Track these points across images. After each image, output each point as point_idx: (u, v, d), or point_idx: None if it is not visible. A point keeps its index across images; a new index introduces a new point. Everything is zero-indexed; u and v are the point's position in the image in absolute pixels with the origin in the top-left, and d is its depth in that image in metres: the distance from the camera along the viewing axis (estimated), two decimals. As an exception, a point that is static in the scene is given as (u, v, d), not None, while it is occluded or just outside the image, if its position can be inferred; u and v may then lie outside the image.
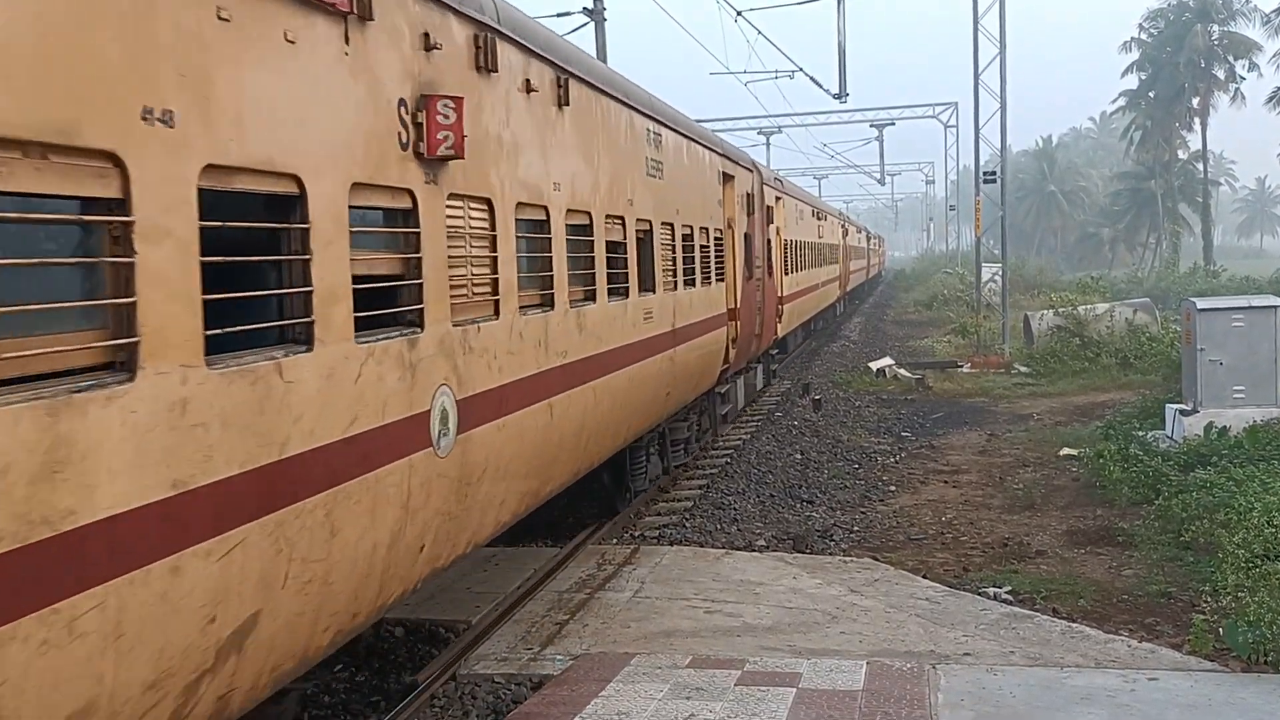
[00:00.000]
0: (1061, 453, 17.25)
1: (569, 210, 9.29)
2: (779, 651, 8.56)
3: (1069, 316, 29.88)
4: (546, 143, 8.81)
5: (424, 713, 7.98)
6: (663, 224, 12.64)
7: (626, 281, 11.05)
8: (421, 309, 6.48)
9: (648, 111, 12.24)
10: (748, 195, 19.09)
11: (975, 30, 32.11)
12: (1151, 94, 72.96)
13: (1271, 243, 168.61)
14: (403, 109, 6.30)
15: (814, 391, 24.06)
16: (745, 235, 18.68)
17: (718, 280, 16.13)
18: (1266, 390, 16.49)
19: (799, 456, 17.63)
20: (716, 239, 16.16)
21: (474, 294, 7.36)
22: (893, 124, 70.73)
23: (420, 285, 6.50)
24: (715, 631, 9.08)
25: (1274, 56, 66.68)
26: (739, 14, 32.12)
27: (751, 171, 20.06)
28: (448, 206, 6.88)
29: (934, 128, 73.69)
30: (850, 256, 51.65)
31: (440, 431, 6.62)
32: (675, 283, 13.19)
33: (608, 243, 10.50)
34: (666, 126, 13.04)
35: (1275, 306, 16.82)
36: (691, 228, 14.27)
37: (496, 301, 7.67)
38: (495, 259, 7.68)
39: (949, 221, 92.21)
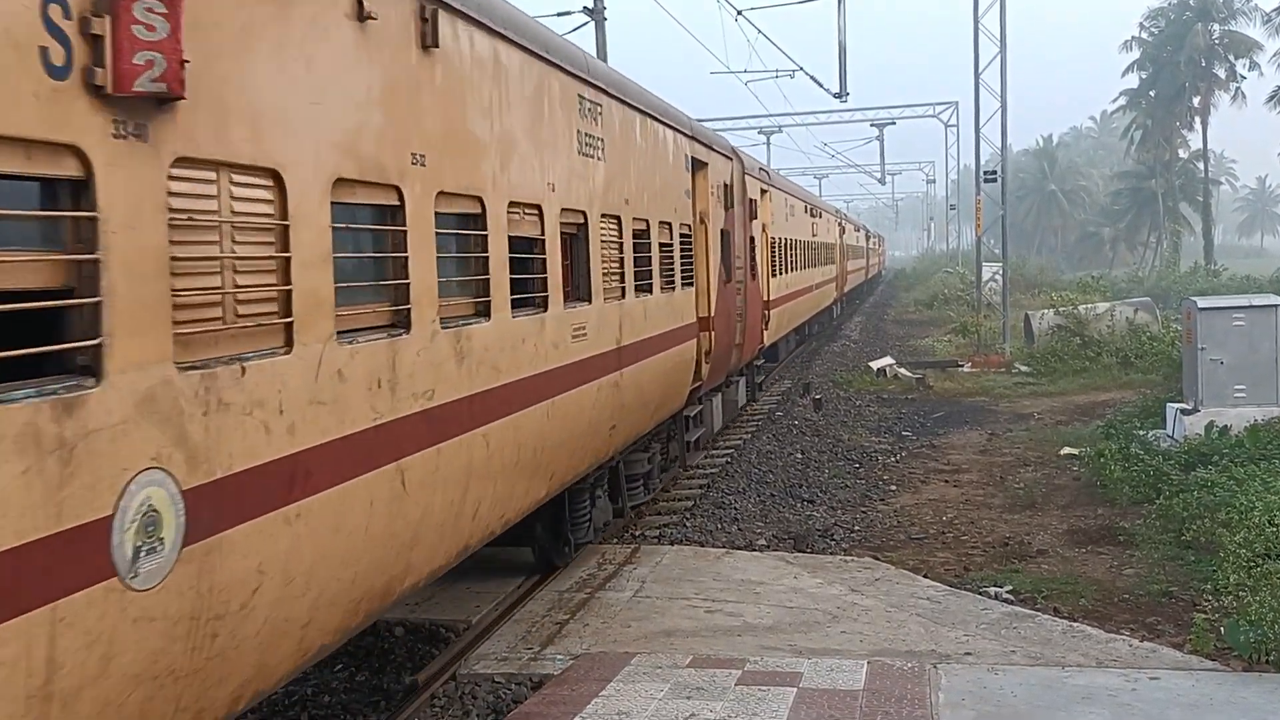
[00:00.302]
0: (1062, 452, 17.24)
1: (442, 194, 6.85)
2: (780, 651, 8.54)
3: (1069, 316, 29.87)
4: (398, 97, 6.31)
5: (424, 713, 7.97)
6: (604, 217, 10.27)
7: (544, 289, 8.59)
8: (99, 345, 4.05)
9: (579, 73, 9.67)
10: (725, 186, 16.77)
11: (976, 29, 32.12)
12: (1152, 93, 72.94)
13: (1272, 242, 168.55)
14: (56, 8, 3.87)
15: (814, 391, 24.05)
16: (722, 232, 16.43)
17: (685, 285, 13.74)
18: (1267, 389, 16.47)
19: (799, 456, 17.62)
20: (684, 236, 13.76)
21: (239, 316, 4.94)
22: (893, 123, 70.88)
23: (98, 305, 4.05)
24: (716, 631, 9.07)
25: (1274, 55, 66.69)
26: (739, 13, 32.16)
27: (730, 159, 17.66)
28: (175, 178, 4.47)
29: (934, 127, 73.91)
30: (848, 256, 49.35)
31: (141, 547, 4.18)
32: (623, 289, 10.81)
33: (514, 239, 8.00)
34: (609, 95, 10.55)
35: (1276, 306, 16.80)
36: (647, 222, 11.80)
37: (289, 326, 5.21)
38: (288, 261, 5.23)
39: (949, 221, 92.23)
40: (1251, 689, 7.64)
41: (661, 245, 12.49)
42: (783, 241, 24.90)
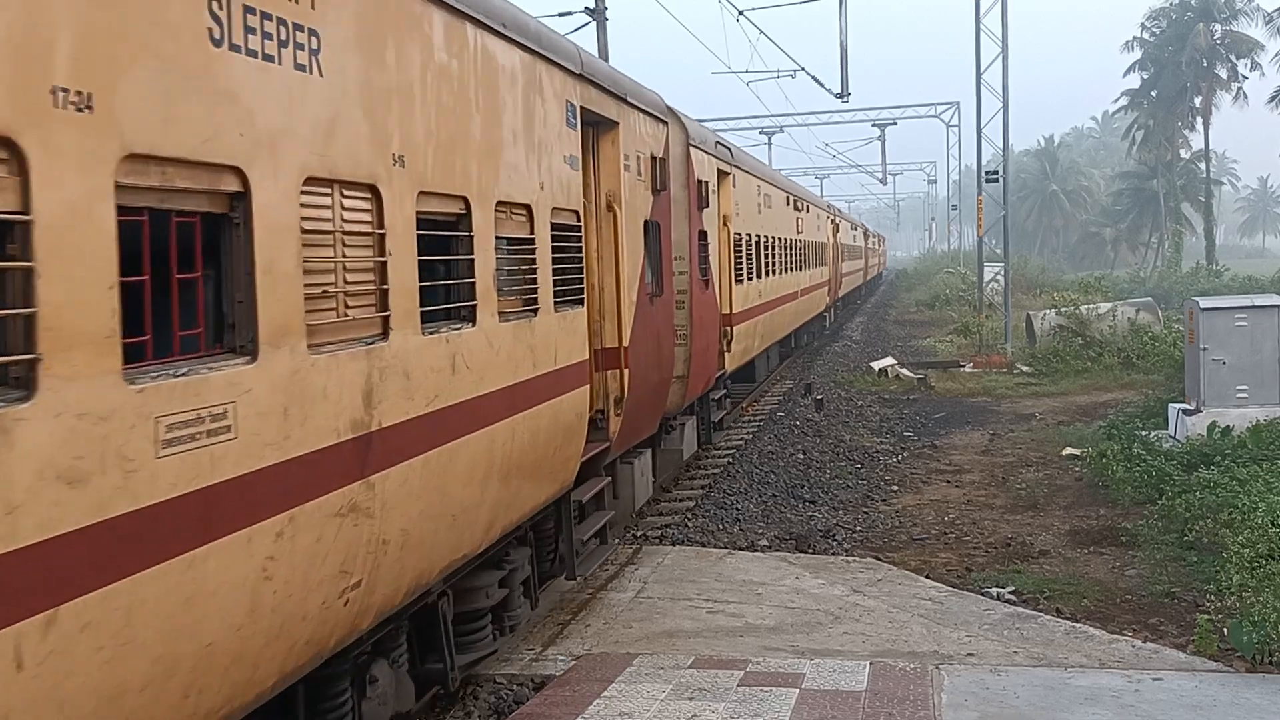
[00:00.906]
0: (1064, 452, 17.22)
1: None
2: (782, 652, 8.53)
3: (1071, 316, 29.87)
4: None
5: (425, 713, 7.95)
6: (320, 185, 5.37)
7: (23, 346, 3.64)
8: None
9: None
10: (653, 160, 11.82)
11: (978, 30, 32.13)
12: (1154, 93, 73.01)
13: (1274, 242, 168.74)
14: None
15: (816, 391, 24.03)
16: (647, 224, 11.60)
17: (566, 303, 8.72)
18: (1269, 389, 16.47)
19: (801, 456, 17.60)
20: (565, 228, 8.75)
21: None
22: (895, 123, 70.92)
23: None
24: (718, 632, 9.05)
25: (1276, 56, 66.73)
26: (740, 13, 32.16)
27: (663, 123, 12.56)
28: None
29: (936, 127, 73.88)
30: (843, 257, 44.16)
31: None
32: (385, 324, 5.83)
33: None
34: None
35: (1278, 306, 16.80)
36: (466, 202, 6.85)
37: None
38: None
39: (951, 221, 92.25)
40: (1255, 690, 7.63)
41: (509, 242, 7.67)
42: (753, 239, 20.06)
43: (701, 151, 15.06)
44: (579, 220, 9.26)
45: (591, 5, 24.93)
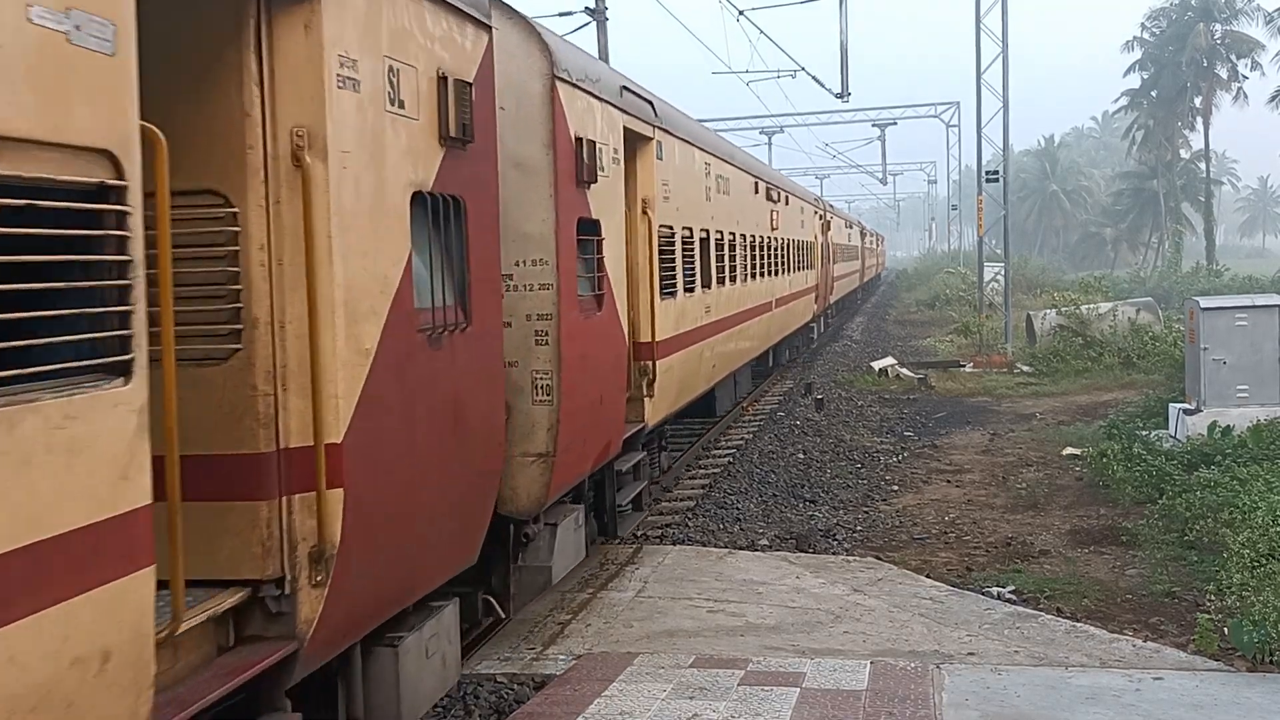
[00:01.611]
0: (1065, 452, 17.22)
1: None
2: (782, 651, 8.53)
3: (1072, 316, 29.88)
4: None
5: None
6: None
7: None
8: None
9: None
10: (442, 82, 6.46)
11: (978, 29, 32.13)
12: (1154, 93, 73.02)
13: (1274, 242, 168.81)
14: None
15: (816, 391, 24.02)
16: (430, 199, 6.40)
17: (21, 380, 3.48)
18: (1270, 389, 16.46)
19: (801, 456, 17.60)
20: (35, 192, 3.53)
21: None
22: (895, 123, 71.02)
23: None
24: (718, 631, 9.05)
25: (1276, 55, 66.69)
26: (741, 13, 32.15)
27: (481, 25, 7.12)
28: None
29: (936, 127, 73.90)
30: (835, 259, 39.22)
31: None
32: None
33: None
34: None
35: (1278, 306, 16.80)
36: None
37: None
38: None
39: (951, 221, 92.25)
40: (1256, 689, 7.63)
41: None
42: (696, 235, 14.72)
43: (586, 94, 9.75)
44: (122, 177, 3.95)
45: (591, 5, 24.94)
